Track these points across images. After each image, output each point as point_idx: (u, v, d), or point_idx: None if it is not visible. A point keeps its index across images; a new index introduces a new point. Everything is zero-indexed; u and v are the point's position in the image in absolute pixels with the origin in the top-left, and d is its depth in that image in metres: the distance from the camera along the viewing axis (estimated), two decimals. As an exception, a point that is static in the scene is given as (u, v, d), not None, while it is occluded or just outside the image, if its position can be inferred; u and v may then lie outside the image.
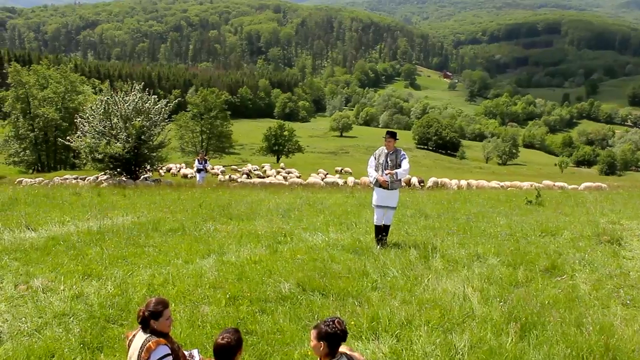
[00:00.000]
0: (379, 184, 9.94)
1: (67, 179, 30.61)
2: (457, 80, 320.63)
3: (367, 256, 9.15)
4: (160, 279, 7.63)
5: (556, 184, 28.21)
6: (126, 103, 25.30)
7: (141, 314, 4.53)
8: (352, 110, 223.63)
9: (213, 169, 48.76)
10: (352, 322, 6.27)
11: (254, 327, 6.16)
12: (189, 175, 41.26)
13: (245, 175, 44.58)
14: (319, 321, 4.33)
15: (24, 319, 6.29)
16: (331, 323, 4.20)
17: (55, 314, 6.43)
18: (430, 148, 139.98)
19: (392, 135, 10.08)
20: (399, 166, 10.01)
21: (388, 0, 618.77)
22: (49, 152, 54.59)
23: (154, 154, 27.69)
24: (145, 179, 26.56)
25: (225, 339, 4.21)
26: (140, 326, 4.62)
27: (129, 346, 4.56)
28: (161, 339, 4.47)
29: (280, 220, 12.30)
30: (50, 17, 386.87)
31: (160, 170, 45.08)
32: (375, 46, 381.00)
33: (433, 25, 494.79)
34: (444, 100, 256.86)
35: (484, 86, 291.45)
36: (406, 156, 10.18)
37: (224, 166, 57.40)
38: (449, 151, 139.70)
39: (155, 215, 12.44)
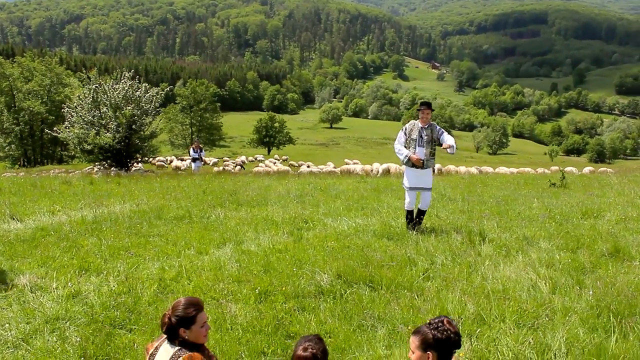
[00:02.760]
0: (412, 163, 8.72)
1: (54, 172, 29.15)
2: (445, 71, 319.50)
3: (405, 243, 7.98)
4: (172, 272, 6.42)
5: (566, 169, 27.22)
6: (116, 91, 23.99)
7: (166, 320, 3.31)
8: (341, 102, 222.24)
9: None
10: (412, 319, 5.13)
11: (295, 329, 4.98)
12: (182, 168, 39.81)
13: (238, 167, 43.23)
14: (421, 325, 3.14)
15: (7, 325, 5.07)
16: (440, 325, 3.02)
17: (47, 319, 5.21)
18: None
19: (428, 106, 8.88)
20: (436, 142, 8.84)
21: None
22: (35, 147, 52.85)
23: (146, 144, 26.45)
24: (137, 171, 25.30)
25: (309, 350, 3.03)
26: (165, 336, 3.43)
27: (151, 363, 3.37)
28: (195, 353, 3.27)
29: (295, 206, 11.08)
30: (33, 11, 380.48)
31: (153, 162, 43.68)
32: (363, 38, 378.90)
33: (420, 16, 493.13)
34: (433, 90, 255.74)
35: (473, 76, 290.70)
36: (444, 131, 8.98)
37: (216, 158, 56.07)
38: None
39: (157, 202, 11.16)
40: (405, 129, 8.91)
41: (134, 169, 25.78)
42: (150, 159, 37.01)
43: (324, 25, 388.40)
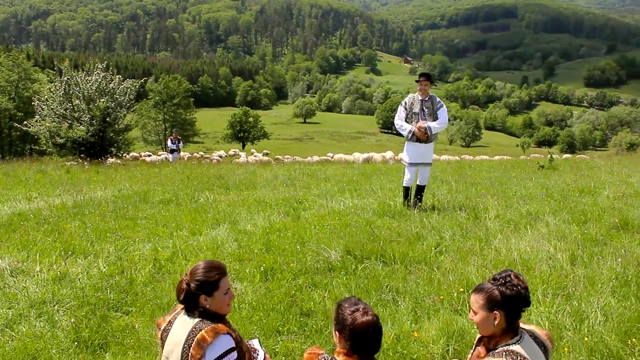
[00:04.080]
0: (416, 138, 8.32)
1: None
2: (417, 65, 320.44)
3: (409, 220, 7.60)
4: (166, 253, 5.93)
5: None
6: (89, 83, 23.16)
7: (184, 286, 2.84)
8: (315, 96, 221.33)
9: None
10: (435, 291, 4.76)
11: (310, 306, 4.55)
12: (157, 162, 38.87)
13: (217, 159, 42.48)
14: (483, 282, 2.74)
15: (-13, 310, 4.55)
16: (508, 279, 2.63)
17: (32, 303, 4.70)
18: (395, 132, 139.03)
19: (428, 77, 8.48)
20: (436, 116, 8.46)
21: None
22: (4, 144, 51.27)
23: (120, 138, 25.67)
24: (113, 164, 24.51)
25: (370, 312, 2.59)
26: (181, 306, 2.96)
27: (164, 338, 2.90)
28: (220, 324, 2.83)
29: (285, 189, 10.64)
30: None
31: (128, 156, 42.62)
32: (336, 32, 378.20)
33: (392, 11, 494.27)
34: (405, 84, 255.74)
35: (444, 70, 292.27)
36: (443, 104, 8.60)
37: (190, 154, 55.10)
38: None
39: (140, 187, 10.58)
40: (405, 103, 8.50)
41: (108, 162, 25.01)
42: (125, 154, 36.06)
43: (296, 20, 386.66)
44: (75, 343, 3.97)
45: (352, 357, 2.56)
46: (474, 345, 2.88)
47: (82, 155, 23.58)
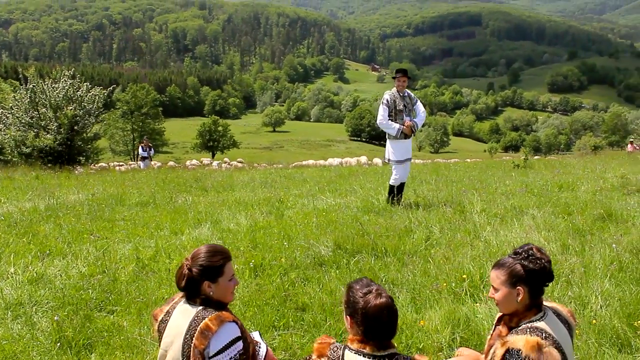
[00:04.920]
0: (405, 135, 8.24)
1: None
2: (385, 73, 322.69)
3: (394, 216, 7.48)
4: (148, 252, 5.67)
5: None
6: (55, 91, 22.60)
7: (185, 271, 2.64)
8: (283, 105, 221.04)
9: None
10: (432, 282, 4.62)
11: (305, 300, 4.36)
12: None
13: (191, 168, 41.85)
14: (503, 257, 2.62)
15: (-41, 312, 4.24)
16: (531, 253, 2.51)
17: (7, 305, 4.41)
18: (364, 139, 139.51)
19: (404, 73, 8.48)
20: (414, 111, 8.45)
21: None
22: (-35, 156, 49.75)
23: (89, 146, 25.14)
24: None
25: (384, 294, 2.41)
26: (180, 295, 2.75)
27: (161, 330, 2.69)
28: (224, 312, 2.63)
29: (265, 190, 10.42)
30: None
31: (96, 166, 41.73)
32: (303, 41, 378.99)
33: (359, 20, 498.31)
34: (373, 92, 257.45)
35: (412, 77, 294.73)
36: (418, 99, 8.63)
37: (160, 163, 54.28)
38: (382, 142, 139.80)
39: (115, 190, 10.22)
40: (387, 101, 8.41)
41: (77, 172, 24.38)
42: (94, 164, 35.28)
43: (264, 29, 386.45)
44: (58, 344, 3.71)
45: (367, 344, 2.38)
46: (494, 325, 2.74)
47: (49, 165, 22.98)
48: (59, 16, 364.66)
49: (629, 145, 25.89)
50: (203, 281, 2.61)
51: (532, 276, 2.45)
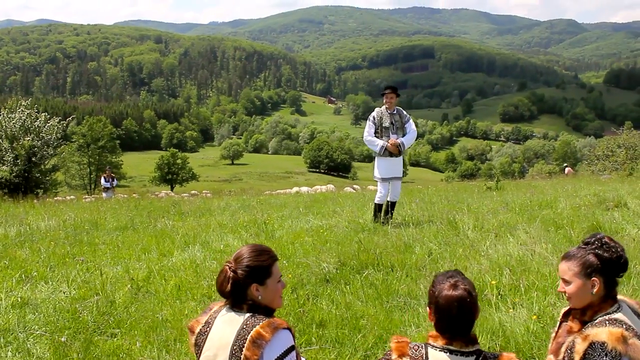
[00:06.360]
0: (389, 153, 8.13)
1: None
2: (341, 105, 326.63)
3: (387, 234, 7.31)
4: (141, 273, 5.32)
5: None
6: (12, 121, 21.88)
7: (229, 274, 2.38)
8: (241, 138, 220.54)
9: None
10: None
11: (322, 315, 4.11)
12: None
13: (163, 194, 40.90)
14: (571, 249, 2.47)
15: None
16: (605, 242, 2.38)
17: (-7, 332, 4.00)
18: (322, 171, 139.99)
19: (393, 90, 8.41)
20: (404, 129, 8.35)
21: (269, 30, 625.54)
22: None
23: (48, 178, 24.33)
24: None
25: (461, 286, 2.22)
26: (219, 304, 2.49)
27: (200, 343, 2.40)
28: (277, 319, 2.37)
29: (245, 214, 10.11)
30: None
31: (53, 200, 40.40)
32: (260, 74, 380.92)
33: (314, 53, 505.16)
34: (330, 124, 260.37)
35: (368, 109, 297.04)
36: (410, 117, 8.53)
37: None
38: (341, 173, 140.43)
39: (89, 216, 9.73)
40: (374, 118, 8.35)
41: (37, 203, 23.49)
42: (52, 197, 34.17)
43: (220, 63, 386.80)
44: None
45: (443, 338, 2.20)
46: (559, 322, 2.58)
47: (4, 198, 22.09)
48: (11, 49, 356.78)
49: (567, 169, 27.60)
50: (250, 284, 2.36)
51: (607, 266, 2.31)
